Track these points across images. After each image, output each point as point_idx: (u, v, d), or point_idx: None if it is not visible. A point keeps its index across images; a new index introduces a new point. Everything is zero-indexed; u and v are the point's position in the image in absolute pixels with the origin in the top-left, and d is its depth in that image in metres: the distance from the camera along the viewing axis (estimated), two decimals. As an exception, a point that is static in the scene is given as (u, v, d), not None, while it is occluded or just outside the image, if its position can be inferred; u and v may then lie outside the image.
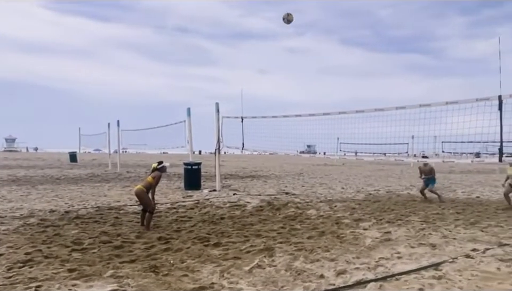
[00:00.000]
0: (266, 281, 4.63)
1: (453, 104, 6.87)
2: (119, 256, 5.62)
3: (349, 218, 8.66)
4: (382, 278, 4.72)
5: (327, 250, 5.92)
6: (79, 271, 4.90)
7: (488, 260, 5.44)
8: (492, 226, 7.73)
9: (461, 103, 6.74)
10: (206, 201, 11.19)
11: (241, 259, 5.45)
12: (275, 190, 14.27)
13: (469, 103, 6.61)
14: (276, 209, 9.82)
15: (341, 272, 4.92)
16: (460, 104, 6.77)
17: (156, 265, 5.12)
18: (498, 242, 6.41)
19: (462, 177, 22.13)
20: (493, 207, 10.41)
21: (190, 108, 15.37)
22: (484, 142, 18.29)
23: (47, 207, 9.89)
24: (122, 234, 6.91)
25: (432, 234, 7.00)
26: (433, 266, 5.18)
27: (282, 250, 5.90)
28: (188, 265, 5.17)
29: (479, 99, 6.42)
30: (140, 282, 4.52)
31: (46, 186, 15.03)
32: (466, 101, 6.69)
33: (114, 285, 4.43)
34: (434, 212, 9.42)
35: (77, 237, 6.66)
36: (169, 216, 8.79)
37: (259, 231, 7.27)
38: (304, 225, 7.90)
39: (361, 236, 6.86)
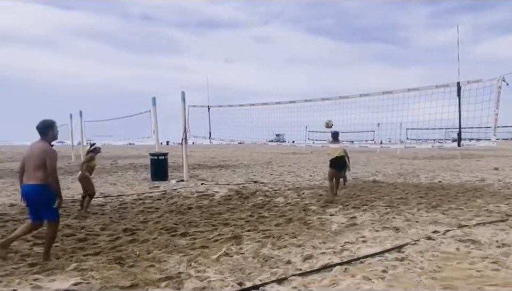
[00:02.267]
0: (233, 268, 4.64)
1: (414, 90, 7.04)
2: (83, 248, 5.50)
3: (316, 204, 8.78)
4: (347, 261, 4.81)
5: (294, 237, 5.98)
6: (40, 265, 4.77)
7: (448, 241, 5.63)
8: (453, 209, 8.01)
9: (422, 89, 6.92)
10: (174, 192, 11.08)
11: (209, 248, 5.43)
12: (243, 179, 14.29)
13: (430, 89, 6.80)
14: (244, 198, 9.83)
15: (308, 257, 4.98)
16: (421, 90, 6.95)
17: (121, 256, 5.03)
18: (458, 224, 6.66)
19: (426, 163, 22.82)
20: (454, 190, 10.79)
21: (156, 97, 15.10)
22: (446, 129, 18.91)
23: (6, 201, 9.53)
24: (86, 226, 6.76)
25: (396, 218, 7.19)
26: (396, 249, 5.32)
27: (250, 238, 5.92)
28: (155, 256, 5.11)
29: (439, 86, 6.61)
30: (105, 274, 4.42)
31: (5, 180, 14.48)
32: (427, 88, 6.87)
33: (77, 278, 4.31)
34: (399, 197, 9.67)
35: (38, 231, 6.41)
36: (135, 207, 8.64)
37: (227, 220, 7.27)
38: (272, 212, 7.95)
39: (327, 222, 6.97)
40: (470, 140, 8.92)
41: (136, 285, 4.12)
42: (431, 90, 6.79)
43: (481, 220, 6.95)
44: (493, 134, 6.90)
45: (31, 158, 4.87)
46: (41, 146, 4.92)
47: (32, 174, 4.81)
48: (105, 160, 26.33)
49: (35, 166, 4.80)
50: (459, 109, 6.38)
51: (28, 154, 4.96)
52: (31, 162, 4.84)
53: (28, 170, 4.87)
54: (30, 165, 4.84)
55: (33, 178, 4.81)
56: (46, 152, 4.86)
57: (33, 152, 4.91)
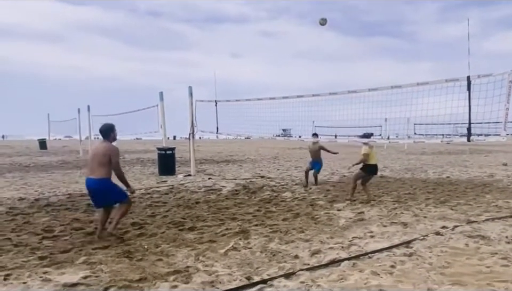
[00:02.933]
0: (241, 262, 4.65)
1: (423, 85, 6.97)
2: (92, 242, 5.53)
3: (323, 199, 8.76)
4: (355, 256, 4.81)
5: (301, 231, 5.98)
6: (50, 258, 4.80)
7: (457, 237, 5.61)
8: (461, 205, 7.97)
9: (432, 83, 6.84)
10: (181, 186, 11.11)
11: (217, 242, 5.45)
12: (250, 174, 14.30)
13: (439, 83, 6.72)
14: (251, 193, 9.84)
15: (315, 252, 4.98)
16: (431, 84, 6.87)
17: (129, 250, 5.06)
18: (467, 220, 6.61)
19: (434, 158, 22.69)
20: (463, 186, 10.73)
21: (163, 92, 15.12)
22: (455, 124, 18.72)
23: (15, 195, 9.61)
24: (94, 220, 6.78)
25: (404, 213, 7.17)
26: (404, 244, 5.31)
27: (257, 233, 5.92)
28: (163, 250, 5.13)
29: (448, 80, 6.53)
30: (113, 267, 4.45)
31: (14, 174, 14.58)
32: (436, 82, 6.79)
33: (87, 271, 4.35)
34: (406, 193, 9.63)
35: (48, 224, 6.51)
36: (143, 202, 8.67)
37: (234, 214, 7.28)
38: (279, 207, 7.95)
39: (335, 217, 6.96)
40: (479, 136, 8.83)
41: (145, 278, 4.14)
42: (441, 84, 6.72)
43: (490, 216, 6.90)
44: (503, 129, 6.82)
45: (96, 156, 5.58)
46: (106, 145, 5.65)
47: (96, 169, 5.53)
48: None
49: (99, 162, 5.51)
50: (469, 104, 6.31)
51: (93, 153, 5.69)
52: (96, 160, 5.55)
53: (93, 166, 5.59)
54: (95, 162, 5.55)
55: (97, 173, 5.52)
56: (110, 150, 5.59)
57: (98, 151, 5.62)
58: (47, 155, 26.27)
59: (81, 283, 4.03)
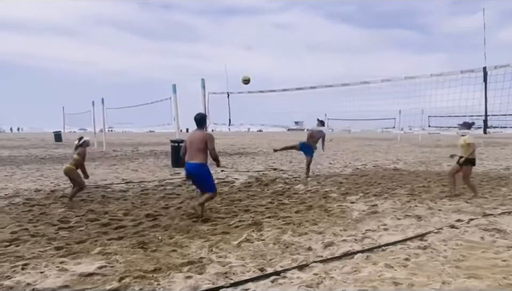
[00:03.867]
0: (254, 254, 4.67)
1: (438, 76, 6.85)
2: (107, 233, 5.59)
3: (336, 192, 8.73)
4: (369, 249, 4.79)
5: (314, 224, 5.98)
6: (66, 248, 4.87)
7: (472, 230, 5.55)
8: (477, 198, 7.87)
9: (446, 75, 6.72)
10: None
11: (230, 234, 5.47)
12: (263, 166, 14.31)
13: (454, 75, 6.61)
14: (264, 185, 9.85)
15: (329, 244, 4.97)
16: (445, 76, 6.75)
17: (144, 241, 5.10)
18: (482, 213, 6.54)
19: (448, 151, 22.30)
20: (478, 179, 10.59)
21: (176, 85, 15.16)
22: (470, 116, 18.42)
23: (32, 186, 9.76)
24: (109, 211, 6.87)
25: (418, 206, 7.11)
26: (418, 237, 5.27)
27: (270, 225, 5.93)
28: (176, 241, 5.17)
29: (464, 71, 6.41)
30: (128, 258, 4.51)
31: (30, 166, 14.81)
32: (451, 73, 6.67)
33: (102, 261, 4.41)
34: (420, 186, 9.55)
35: (64, 215, 6.61)
36: (156, 193, 8.75)
37: (247, 206, 7.30)
38: (292, 199, 7.95)
39: (348, 210, 6.93)
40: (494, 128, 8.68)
41: (159, 269, 4.19)
42: (456, 75, 6.61)
43: (506, 209, 6.82)
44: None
45: (193, 143, 6.25)
46: (202, 133, 6.38)
47: (195, 155, 6.19)
48: (127, 147, 26.73)
49: (198, 148, 6.18)
50: (485, 95, 6.19)
51: (190, 140, 6.33)
52: (194, 146, 6.22)
53: (191, 152, 6.24)
54: (193, 148, 6.22)
55: (196, 158, 6.18)
56: (207, 137, 6.30)
57: (195, 138, 6.26)
58: (62, 147, 26.60)
59: (96, 273, 4.09)
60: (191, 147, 6.26)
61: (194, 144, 6.23)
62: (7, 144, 31.83)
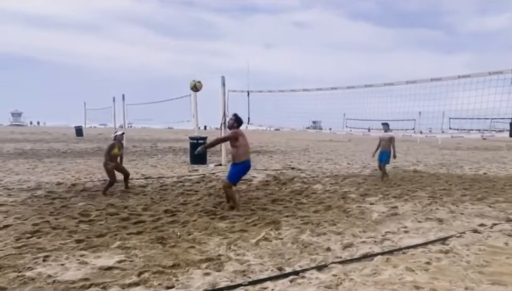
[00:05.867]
0: (273, 253, 4.64)
1: (465, 78, 6.69)
2: (126, 227, 5.65)
3: (355, 193, 8.64)
4: (389, 251, 4.72)
5: (333, 224, 5.92)
6: (86, 241, 4.94)
7: (496, 235, 5.41)
8: (500, 202, 7.69)
9: (474, 76, 6.55)
10: (212, 175, 11.20)
11: (248, 232, 5.46)
12: (281, 165, 14.26)
13: (482, 76, 6.43)
14: (281, 184, 9.81)
15: (348, 245, 4.92)
16: (472, 77, 6.58)
17: (162, 236, 5.14)
18: (506, 218, 6.38)
19: (469, 154, 21.99)
20: (501, 183, 10.35)
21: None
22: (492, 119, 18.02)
23: (54, 179, 9.94)
24: (129, 206, 6.94)
25: (439, 209, 6.98)
26: (440, 240, 5.17)
27: (288, 224, 5.90)
28: (195, 237, 5.18)
29: (492, 72, 6.23)
30: (147, 253, 4.54)
31: (52, 159, 15.09)
32: (478, 75, 6.49)
33: (121, 256, 4.45)
34: (441, 188, 9.37)
35: (84, 209, 6.70)
36: (175, 190, 8.80)
37: (265, 205, 7.28)
38: (310, 199, 7.89)
39: (367, 211, 6.85)
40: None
41: (178, 265, 4.20)
42: (483, 77, 6.43)
43: (531, 215, 6.63)
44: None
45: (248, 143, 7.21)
46: None
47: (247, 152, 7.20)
48: (146, 143, 27.00)
49: None
50: (515, 97, 6.02)
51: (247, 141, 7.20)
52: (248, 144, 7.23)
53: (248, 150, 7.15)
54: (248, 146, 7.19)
55: None
56: None
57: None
58: (83, 142, 27.06)
59: (116, 267, 4.12)
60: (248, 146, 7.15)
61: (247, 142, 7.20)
62: (30, 137, 32.52)
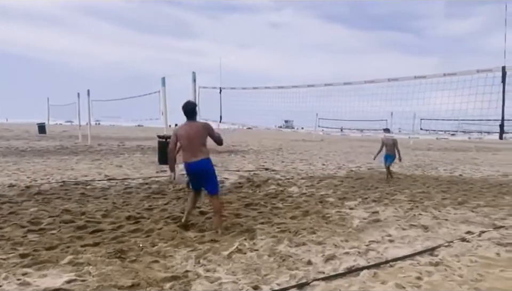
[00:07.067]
0: (247, 268, 4.12)
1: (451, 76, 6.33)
2: (81, 238, 5.00)
3: (333, 196, 8.21)
4: (375, 265, 4.29)
5: (312, 232, 5.45)
6: (32, 256, 4.29)
7: (485, 244, 5.07)
8: (481, 206, 7.43)
9: (460, 74, 6.22)
10: (182, 177, 10.55)
11: (219, 242, 4.91)
12: (254, 166, 13.74)
13: (469, 74, 6.11)
14: (255, 186, 9.30)
15: (330, 258, 4.46)
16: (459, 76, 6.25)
17: (122, 249, 4.51)
18: (492, 224, 6.08)
19: (441, 155, 22.13)
20: (478, 185, 10.19)
21: (167, 79, 14.46)
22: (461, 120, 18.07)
23: (6, 181, 9.06)
24: (87, 212, 6.26)
25: (422, 215, 6.62)
26: (428, 251, 4.79)
27: (264, 232, 5.39)
28: (159, 249, 4.60)
29: (481, 70, 5.90)
30: (103, 270, 3.93)
31: (8, 158, 14.00)
32: (467, 73, 6.16)
33: (71, 274, 3.83)
34: (420, 191, 9.09)
35: (35, 216, 5.98)
36: (140, 192, 8.13)
37: (238, 210, 6.74)
38: (287, 203, 7.40)
39: (348, 217, 6.42)
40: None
41: (138, 285, 3.64)
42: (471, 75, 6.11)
43: (516, 220, 6.36)
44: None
45: (192, 138, 5.34)
46: (199, 124, 5.51)
47: (199, 151, 5.34)
48: (113, 141, 25.95)
49: (200, 143, 5.36)
50: (503, 97, 5.70)
51: (187, 136, 5.36)
52: (195, 142, 5.34)
53: (193, 149, 5.34)
54: (195, 144, 5.34)
55: (201, 154, 5.36)
56: (206, 126, 5.52)
57: (193, 132, 5.34)
58: (46, 139, 25.72)
59: (64, 289, 3.52)
60: (191, 144, 5.34)
61: (195, 139, 5.34)
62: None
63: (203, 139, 5.40)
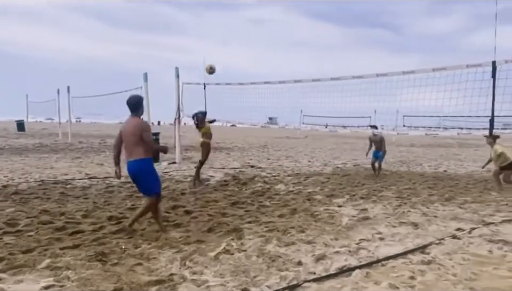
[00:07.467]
0: (235, 270, 3.95)
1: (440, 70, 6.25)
2: (60, 240, 4.76)
3: (320, 193, 8.09)
4: (367, 264, 4.16)
5: (301, 231, 5.30)
6: (8, 260, 4.04)
7: (477, 241, 5.00)
8: (469, 203, 7.40)
9: (450, 69, 6.13)
10: (165, 175, 10.32)
11: (206, 243, 4.73)
12: (239, 163, 13.54)
13: (459, 69, 6.02)
14: (242, 184, 9.12)
15: (320, 257, 4.32)
16: (449, 70, 6.16)
17: (103, 251, 4.30)
18: (481, 220, 6.03)
19: (424, 151, 22.27)
20: (463, 181, 10.21)
21: (149, 75, 14.15)
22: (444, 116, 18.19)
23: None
24: (66, 212, 6.00)
25: (411, 212, 6.54)
26: (420, 249, 4.69)
27: (252, 232, 5.23)
28: (143, 251, 4.39)
29: (470, 65, 5.84)
30: (83, 274, 3.71)
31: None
32: (457, 67, 6.08)
33: (49, 279, 3.61)
34: (406, 187, 9.04)
35: (12, 217, 5.71)
36: (122, 191, 7.87)
37: (224, 209, 6.56)
38: (274, 201, 7.25)
39: (336, 214, 6.29)
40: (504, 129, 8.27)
41: (120, 289, 3.45)
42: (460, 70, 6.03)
43: (505, 216, 6.33)
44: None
45: (127, 136, 4.98)
46: (135, 122, 5.01)
47: (133, 151, 4.92)
48: (94, 138, 25.44)
49: (134, 142, 4.91)
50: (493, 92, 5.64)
51: (124, 133, 5.03)
52: (129, 140, 4.95)
53: (129, 147, 4.97)
54: (129, 142, 4.95)
55: (135, 154, 4.92)
56: (140, 126, 4.95)
57: (128, 130, 4.98)
58: (24, 137, 25.05)
59: (41, 296, 3.30)
60: (127, 142, 4.97)
61: (129, 137, 4.95)
62: (-35, 132, 29.87)
63: (136, 137, 4.90)
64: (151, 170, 5.05)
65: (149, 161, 5.02)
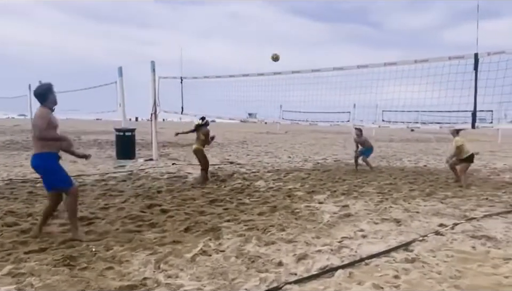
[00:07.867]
0: (213, 272, 3.74)
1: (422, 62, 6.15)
2: (26, 243, 4.45)
3: (301, 190, 7.93)
4: (350, 264, 4.01)
5: (282, 229, 5.12)
6: (-33, 266, 3.72)
7: (460, 237, 4.92)
8: (450, 198, 7.36)
9: (432, 61, 6.04)
10: (141, 172, 10.02)
11: (182, 244, 4.50)
12: (218, 159, 13.30)
13: (441, 61, 5.94)
14: (220, 181, 8.90)
15: (302, 257, 4.15)
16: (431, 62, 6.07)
17: (71, 255, 4.02)
18: (463, 216, 5.97)
19: (403, 146, 22.44)
20: (443, 176, 10.23)
21: (125, 70, 13.77)
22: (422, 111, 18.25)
23: None
24: (34, 213, 5.66)
25: (393, 208, 6.45)
26: (403, 246, 4.57)
27: (230, 231, 5.02)
28: (115, 254, 4.13)
29: (452, 57, 5.75)
30: (48, 280, 3.44)
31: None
32: (438, 59, 5.99)
33: (10, 287, 3.34)
34: (387, 183, 8.98)
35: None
36: (96, 190, 7.55)
37: (202, 207, 6.33)
38: (253, 199, 7.05)
39: (318, 212, 6.14)
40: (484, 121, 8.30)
41: (88, 297, 3.18)
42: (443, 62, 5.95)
43: (486, 211, 6.30)
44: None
45: (32, 127, 4.64)
46: (37, 113, 4.62)
47: (35, 144, 4.63)
48: (68, 135, 24.74)
49: (34, 134, 4.57)
50: (475, 85, 5.56)
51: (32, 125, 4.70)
52: (33, 132, 4.60)
53: (33, 141, 4.69)
54: (34, 135, 4.61)
55: (35, 148, 4.61)
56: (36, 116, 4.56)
57: (33, 122, 4.69)
58: (-5, 134, 24.23)
59: (-1, 306, 3.02)
60: (33, 134, 4.63)
61: (33, 129, 4.62)
62: None
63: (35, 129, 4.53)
64: (52, 166, 4.62)
65: (46, 157, 4.55)
